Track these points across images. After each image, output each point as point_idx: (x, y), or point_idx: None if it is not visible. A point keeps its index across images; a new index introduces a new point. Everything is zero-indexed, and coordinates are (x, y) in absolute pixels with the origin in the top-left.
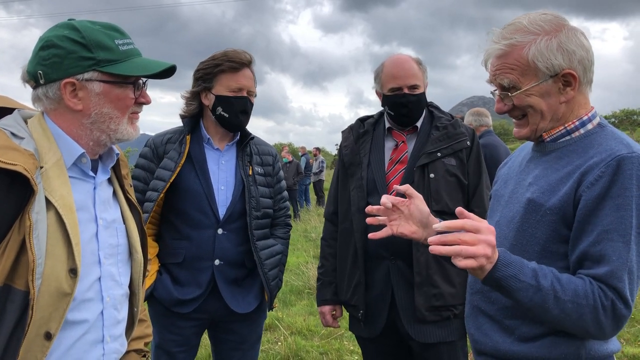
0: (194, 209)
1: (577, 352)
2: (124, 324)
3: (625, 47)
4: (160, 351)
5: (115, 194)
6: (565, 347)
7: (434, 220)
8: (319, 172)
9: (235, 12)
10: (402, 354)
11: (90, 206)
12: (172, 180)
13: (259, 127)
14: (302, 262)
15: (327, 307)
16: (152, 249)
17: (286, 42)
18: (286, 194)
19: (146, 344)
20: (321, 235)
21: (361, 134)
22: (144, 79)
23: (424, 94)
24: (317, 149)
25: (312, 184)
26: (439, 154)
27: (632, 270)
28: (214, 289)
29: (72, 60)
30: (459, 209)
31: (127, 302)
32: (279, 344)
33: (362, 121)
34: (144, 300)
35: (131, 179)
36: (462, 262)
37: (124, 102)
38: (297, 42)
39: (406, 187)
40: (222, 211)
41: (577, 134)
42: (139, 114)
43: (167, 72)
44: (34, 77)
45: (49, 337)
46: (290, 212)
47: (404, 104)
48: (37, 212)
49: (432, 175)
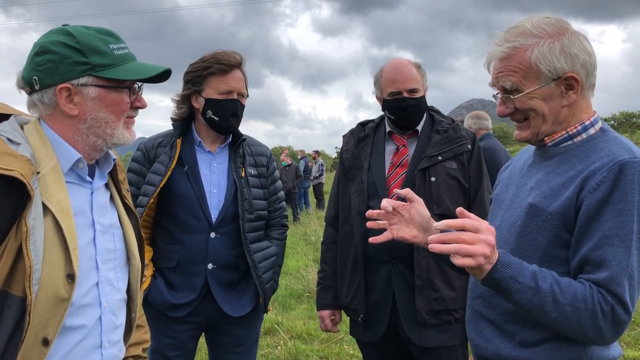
0: (186, 213)
1: (578, 357)
2: (122, 330)
3: (623, 49)
4: (156, 355)
5: (112, 199)
6: (566, 352)
7: (435, 224)
8: (319, 175)
9: (234, 16)
10: (402, 358)
11: (87, 211)
12: (162, 185)
13: (258, 130)
14: (302, 265)
15: (326, 312)
16: (147, 253)
17: (285, 45)
18: (282, 194)
19: (144, 350)
20: (321, 238)
21: (362, 138)
22: (140, 83)
23: (423, 98)
24: (317, 152)
25: (312, 187)
26: (440, 158)
27: (632, 275)
28: (207, 293)
29: (67, 65)
30: (460, 209)
31: (125, 308)
32: (279, 348)
33: (362, 125)
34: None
35: None
36: (459, 261)
37: (120, 106)
38: (296, 46)
39: (407, 191)
40: (214, 215)
41: (579, 138)
42: (135, 118)
43: (162, 75)
44: (29, 83)
45: (46, 343)
46: (286, 213)
47: (404, 108)
48: (34, 218)
49: (433, 178)
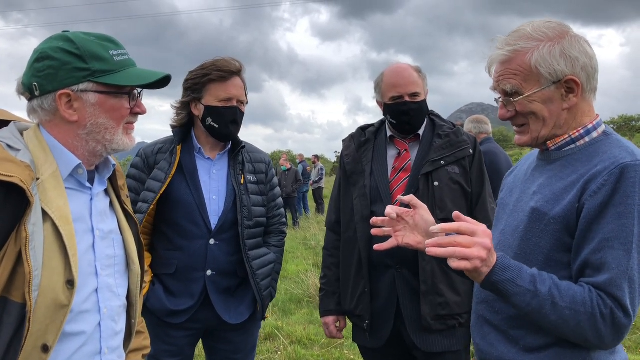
0: (186, 220)
1: None
2: (122, 336)
3: (622, 53)
4: None
5: (112, 204)
6: (570, 358)
7: (431, 227)
8: (318, 179)
9: (232, 21)
10: None
11: (86, 217)
12: (162, 191)
13: (257, 134)
14: (302, 270)
15: (330, 318)
16: (145, 259)
17: (284, 50)
18: (280, 201)
19: (144, 356)
20: (321, 243)
21: (362, 143)
22: (139, 89)
23: (424, 102)
24: (316, 157)
25: (311, 192)
26: (443, 162)
27: (632, 278)
28: (206, 299)
29: (67, 71)
30: (456, 213)
31: (124, 314)
32: (279, 353)
33: (363, 130)
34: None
35: None
36: (455, 264)
37: (120, 112)
38: (295, 50)
39: (410, 198)
40: (214, 221)
41: (581, 142)
42: (134, 124)
43: (162, 81)
44: (29, 89)
45: (46, 349)
46: (285, 220)
47: (406, 112)
48: (34, 224)
49: (436, 183)
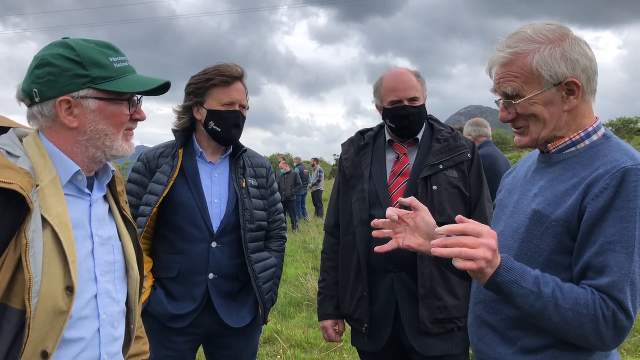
0: (188, 223)
1: None
2: (121, 342)
3: (619, 56)
4: None
5: (111, 211)
6: None
7: (437, 229)
8: (318, 182)
9: (230, 24)
10: None
11: (86, 224)
12: (165, 194)
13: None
14: (301, 273)
15: (329, 322)
16: (147, 264)
17: (282, 53)
18: (280, 206)
19: None
20: (320, 246)
21: (362, 147)
22: (139, 96)
23: (424, 106)
24: (315, 160)
25: (310, 195)
26: (441, 167)
27: (634, 281)
28: (208, 304)
29: (68, 78)
30: (459, 217)
31: (124, 320)
32: (278, 357)
33: (362, 134)
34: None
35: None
36: (461, 264)
37: (119, 118)
38: (293, 53)
39: (411, 200)
40: (216, 225)
41: (582, 145)
42: (134, 131)
43: (162, 88)
44: (29, 96)
45: (45, 356)
46: (285, 225)
47: (405, 116)
48: (34, 231)
49: (435, 187)
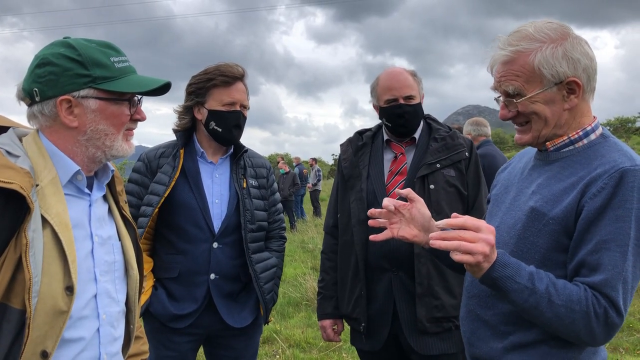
0: (189, 223)
1: None
2: (121, 342)
3: (617, 55)
4: None
5: (110, 210)
6: (557, 356)
7: (437, 222)
8: (316, 182)
9: (228, 24)
10: None
11: (85, 223)
12: (166, 194)
13: (254, 137)
14: (300, 273)
15: (328, 322)
16: (147, 264)
17: (280, 53)
18: (280, 206)
19: None
20: (319, 246)
21: (360, 147)
22: (139, 96)
23: (420, 105)
24: (314, 160)
25: (308, 194)
26: (439, 165)
27: (627, 280)
28: (209, 304)
29: (68, 77)
30: (454, 215)
31: (123, 320)
32: (277, 357)
33: (360, 134)
34: (139, 316)
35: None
36: (458, 257)
37: (120, 118)
38: (291, 53)
39: (408, 191)
40: (217, 225)
41: (580, 144)
42: (134, 131)
43: (162, 89)
44: (29, 95)
45: (45, 355)
46: (284, 225)
47: (401, 115)
48: (33, 230)
49: (432, 186)
